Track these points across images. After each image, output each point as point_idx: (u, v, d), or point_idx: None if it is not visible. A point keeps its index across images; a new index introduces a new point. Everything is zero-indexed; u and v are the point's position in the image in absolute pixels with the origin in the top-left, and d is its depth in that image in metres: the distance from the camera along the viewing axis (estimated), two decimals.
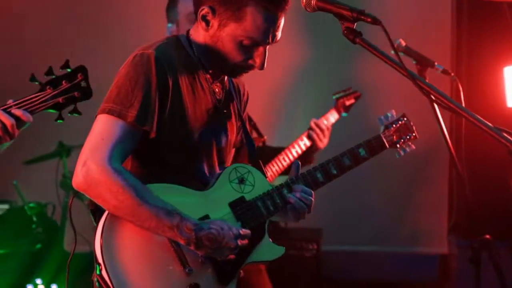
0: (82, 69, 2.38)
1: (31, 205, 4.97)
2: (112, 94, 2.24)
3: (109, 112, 2.21)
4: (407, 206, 5.74)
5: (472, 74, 4.73)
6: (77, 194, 2.28)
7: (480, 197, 4.31)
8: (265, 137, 3.88)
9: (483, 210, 4.16)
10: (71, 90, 2.36)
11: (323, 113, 3.90)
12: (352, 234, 5.70)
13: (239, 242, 2.26)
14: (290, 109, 5.67)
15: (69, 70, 2.38)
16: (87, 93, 2.36)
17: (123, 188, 2.14)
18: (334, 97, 3.97)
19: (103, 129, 2.20)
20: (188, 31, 2.43)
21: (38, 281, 4.86)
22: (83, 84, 2.36)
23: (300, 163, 2.52)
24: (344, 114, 3.94)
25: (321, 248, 5.20)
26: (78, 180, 2.17)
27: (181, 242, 2.20)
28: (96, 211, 2.26)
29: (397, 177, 5.66)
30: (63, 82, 2.36)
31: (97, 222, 2.25)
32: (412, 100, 2.83)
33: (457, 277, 4.97)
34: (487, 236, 3.18)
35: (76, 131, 5.21)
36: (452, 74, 3.54)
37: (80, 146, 5.15)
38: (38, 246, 4.95)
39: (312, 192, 2.45)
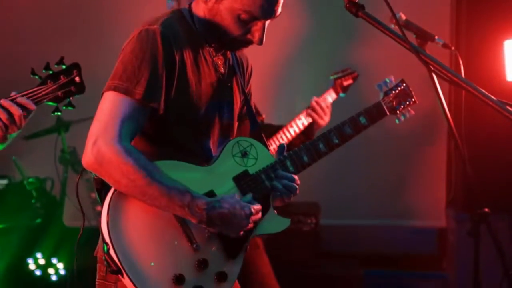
0: (76, 66, 2.60)
1: (30, 180, 4.98)
2: (118, 71, 2.21)
3: (116, 89, 2.18)
4: (405, 179, 5.74)
5: (472, 48, 4.69)
6: (84, 172, 2.28)
7: (478, 170, 4.30)
8: (263, 115, 3.88)
9: (482, 184, 4.16)
10: (68, 85, 2.58)
11: (321, 91, 3.90)
12: (350, 208, 5.71)
13: (251, 220, 2.25)
14: (288, 87, 5.65)
15: (63, 66, 2.59)
16: (81, 88, 2.60)
17: (134, 167, 2.12)
18: (331, 77, 3.96)
19: (111, 107, 2.17)
20: (190, 5, 2.40)
21: (39, 255, 4.88)
22: (77, 79, 2.59)
23: (286, 146, 2.50)
24: (342, 94, 3.94)
25: (320, 222, 5.22)
26: (88, 159, 2.15)
27: (193, 220, 2.19)
28: (102, 190, 2.24)
29: (395, 151, 5.66)
30: (61, 77, 2.57)
31: (103, 201, 2.23)
32: (410, 75, 2.80)
33: (455, 250, 4.99)
34: (486, 210, 3.19)
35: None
36: (453, 48, 3.52)
37: (79, 121, 5.22)
38: (38, 220, 4.96)
39: (295, 177, 2.42)
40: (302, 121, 3.81)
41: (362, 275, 5.03)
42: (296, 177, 2.42)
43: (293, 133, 3.80)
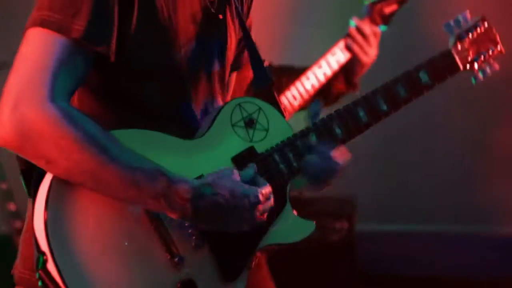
0: None
1: None
2: None
3: (44, 24, 2.15)
4: (483, 166, 5.81)
5: None
6: None
7: None
8: (266, 62, 3.89)
9: None
10: None
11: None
12: (401, 207, 5.79)
13: (259, 211, 2.25)
14: (304, 20, 5.68)
15: None
16: None
17: (79, 140, 2.11)
18: (366, 1, 3.97)
19: (37, 52, 2.16)
20: None
21: None
22: None
23: (321, 102, 2.56)
24: (382, 27, 3.96)
25: (356, 228, 5.26)
26: (6, 133, 2.11)
27: (172, 215, 2.21)
28: (31, 172, 2.23)
29: (468, 123, 5.71)
30: None
31: (34, 189, 2.22)
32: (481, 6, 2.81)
33: None
34: None
35: None
36: None
37: None
38: None
39: (341, 147, 2.48)
40: (337, 58, 3.88)
41: None
42: (342, 147, 2.48)
43: (322, 78, 3.86)
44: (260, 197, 2.25)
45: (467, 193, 5.77)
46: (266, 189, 2.28)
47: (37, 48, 2.16)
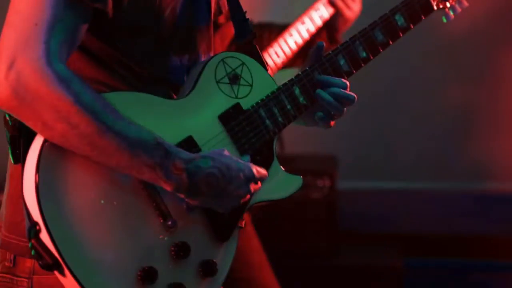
0: None
1: None
2: None
3: None
4: (465, 124, 5.81)
5: None
6: None
7: None
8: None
9: None
10: None
11: None
12: (383, 164, 5.79)
13: (252, 187, 2.29)
14: None
15: None
16: None
17: (78, 105, 2.08)
18: None
19: (32, 7, 2.11)
20: None
21: None
22: None
23: (324, 44, 2.51)
24: None
25: (337, 186, 5.25)
26: (2, 91, 2.07)
27: (166, 187, 2.21)
28: (20, 137, 2.21)
29: (450, 81, 5.70)
30: None
31: (22, 155, 2.19)
32: None
33: None
34: None
35: None
36: None
37: None
38: None
39: (347, 83, 2.50)
40: (321, 13, 3.85)
41: (402, 267, 5.09)
42: (347, 83, 2.49)
43: (305, 35, 3.84)
44: (255, 172, 2.28)
45: (449, 151, 5.80)
46: (262, 170, 2.32)
47: (32, 3, 2.12)
